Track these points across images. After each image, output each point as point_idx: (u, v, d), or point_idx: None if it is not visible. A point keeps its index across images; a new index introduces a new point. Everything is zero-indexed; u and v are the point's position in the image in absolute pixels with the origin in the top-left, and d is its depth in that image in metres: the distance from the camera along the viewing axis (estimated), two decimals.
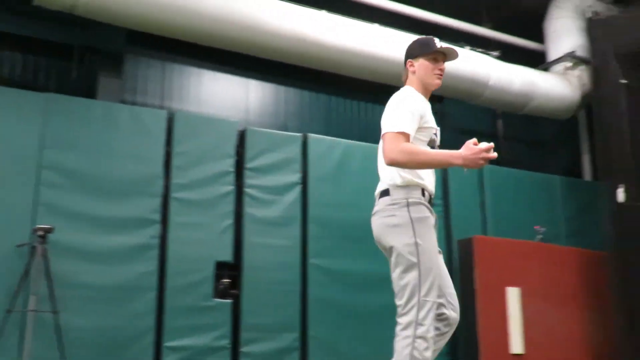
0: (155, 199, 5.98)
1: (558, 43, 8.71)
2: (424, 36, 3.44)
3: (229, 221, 6.22)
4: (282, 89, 7.63)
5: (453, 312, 3.11)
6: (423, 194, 3.11)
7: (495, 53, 8.56)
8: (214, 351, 5.86)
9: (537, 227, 7.54)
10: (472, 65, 7.77)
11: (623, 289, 7.26)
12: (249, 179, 6.41)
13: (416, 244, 2.99)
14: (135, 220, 5.86)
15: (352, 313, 6.51)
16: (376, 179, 7.34)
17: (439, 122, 8.79)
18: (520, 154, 9.21)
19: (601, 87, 7.99)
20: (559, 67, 8.69)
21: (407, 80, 3.36)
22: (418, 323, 2.90)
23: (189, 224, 6.05)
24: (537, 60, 8.92)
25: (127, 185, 5.91)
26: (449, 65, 3.08)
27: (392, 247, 3.09)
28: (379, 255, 6.91)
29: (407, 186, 3.10)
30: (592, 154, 8.62)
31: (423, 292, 2.94)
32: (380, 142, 3.18)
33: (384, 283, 6.63)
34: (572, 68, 8.59)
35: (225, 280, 6.11)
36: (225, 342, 5.92)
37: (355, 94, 7.97)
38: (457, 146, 2.98)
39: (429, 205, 3.11)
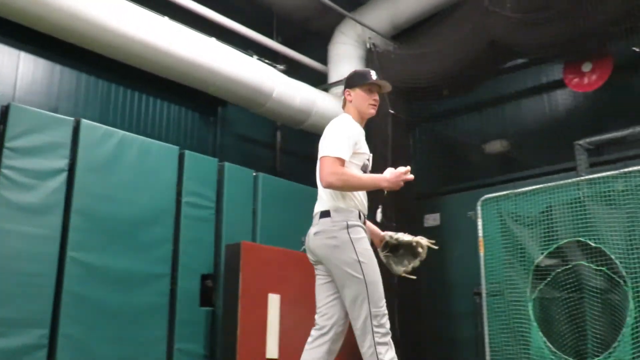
0: None
1: (339, 67, 9.25)
2: (361, 69, 3.71)
3: None
4: (57, 67, 7.09)
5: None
6: (360, 217, 3.41)
7: (282, 67, 8.84)
8: None
9: (303, 238, 7.86)
10: (259, 75, 7.93)
11: None
12: (8, 160, 5.83)
13: (359, 262, 3.30)
14: None
15: (110, 312, 6.21)
16: (151, 174, 7.19)
17: (220, 126, 8.87)
18: (295, 166, 9.58)
19: None
20: (338, 90, 9.21)
21: (345, 108, 3.67)
22: (375, 332, 3.26)
23: None
24: (319, 80, 9.37)
25: None
26: (235, 71, 3.14)
27: (337, 267, 3.35)
28: (145, 254, 6.73)
29: (346, 210, 3.38)
30: None
31: (372, 303, 3.29)
32: (318, 163, 3.42)
33: (146, 283, 6.52)
34: None
35: None
36: None
37: (137, 84, 7.69)
38: (237, 150, 3.04)
39: (364, 227, 3.42)
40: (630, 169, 6.18)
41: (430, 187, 8.85)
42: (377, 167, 8.32)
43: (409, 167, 3.42)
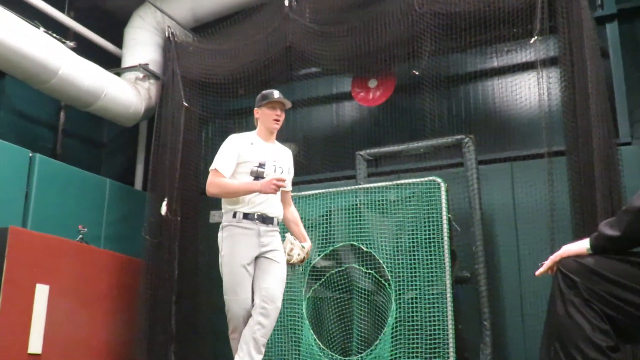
0: None
1: (134, 51, 8.92)
2: (266, 90, 4.35)
3: None
4: None
5: (267, 304, 4.00)
6: (234, 216, 4.06)
7: (72, 44, 8.30)
8: None
9: (80, 227, 7.46)
10: (44, 49, 7.35)
11: (150, 295, 7.69)
12: None
13: (221, 256, 4.13)
14: None
15: None
16: None
17: None
18: (78, 150, 9.04)
19: (165, 104, 8.45)
20: (131, 75, 8.88)
21: (256, 124, 4.35)
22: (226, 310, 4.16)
23: None
24: (112, 62, 8.95)
25: None
26: (17, 42, 2.91)
27: None
28: None
29: (227, 212, 4.13)
30: (147, 165, 8.99)
31: (224, 292, 4.13)
32: None
33: None
34: (142, 79, 8.88)
35: None
36: None
37: None
38: (12, 127, 2.79)
39: (241, 224, 4.06)
40: (402, 181, 6.77)
41: None
42: (166, 158, 8.16)
43: (283, 178, 3.99)
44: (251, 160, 4.12)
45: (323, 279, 6.64)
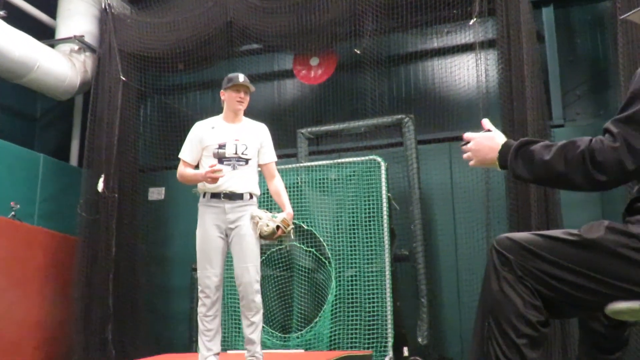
0: None
1: (69, 22, 8.60)
2: (232, 74, 4.52)
3: None
4: None
5: (239, 287, 4.34)
6: (204, 196, 4.38)
7: (1, 12, 7.94)
8: None
9: (13, 204, 7.21)
10: None
11: (86, 273, 7.54)
12: None
13: (196, 233, 4.41)
14: None
15: None
16: None
17: None
18: (10, 124, 8.70)
19: (101, 78, 8.22)
20: (66, 47, 8.58)
21: (223, 106, 4.53)
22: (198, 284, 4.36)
23: None
24: (45, 33, 8.62)
25: None
26: None
27: None
28: None
29: (200, 194, 4.43)
30: (82, 140, 8.74)
31: (197, 265, 4.35)
32: None
33: None
34: (78, 52, 8.58)
35: None
36: None
37: None
38: None
39: (209, 203, 4.35)
40: (343, 160, 6.82)
41: (156, 161, 8.72)
42: (103, 134, 7.97)
43: (215, 169, 4.15)
44: (212, 143, 4.38)
45: (263, 257, 6.62)
